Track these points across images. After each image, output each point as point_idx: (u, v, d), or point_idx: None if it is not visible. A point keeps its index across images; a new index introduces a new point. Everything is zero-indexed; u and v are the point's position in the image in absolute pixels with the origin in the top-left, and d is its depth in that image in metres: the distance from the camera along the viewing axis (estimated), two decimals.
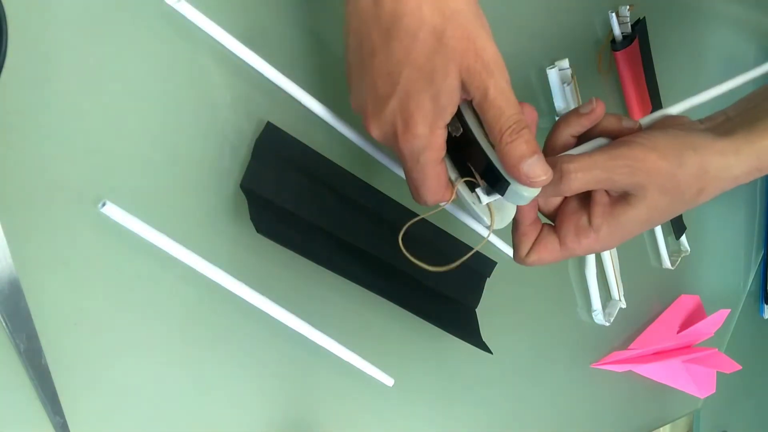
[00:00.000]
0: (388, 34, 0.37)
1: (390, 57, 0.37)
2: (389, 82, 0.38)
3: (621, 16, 0.68)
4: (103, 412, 0.39)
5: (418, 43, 0.37)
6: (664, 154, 0.42)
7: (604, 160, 0.42)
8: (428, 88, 0.38)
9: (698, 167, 0.42)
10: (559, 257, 0.45)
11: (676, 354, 0.79)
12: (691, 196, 0.43)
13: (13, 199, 0.36)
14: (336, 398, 0.50)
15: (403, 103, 0.38)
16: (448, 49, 0.37)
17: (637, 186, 0.42)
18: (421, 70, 0.37)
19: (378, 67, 0.38)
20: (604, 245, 0.45)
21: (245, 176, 0.43)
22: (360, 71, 0.39)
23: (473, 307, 0.57)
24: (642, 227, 0.44)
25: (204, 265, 0.41)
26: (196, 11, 0.41)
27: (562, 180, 0.42)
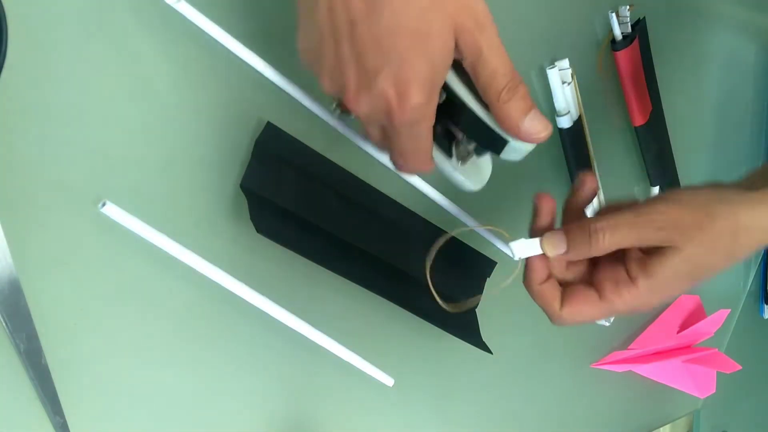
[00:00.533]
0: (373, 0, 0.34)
1: (377, 24, 0.34)
2: (378, 51, 0.35)
3: (621, 16, 0.68)
4: (103, 412, 0.39)
5: (410, 5, 0.34)
6: (689, 206, 0.42)
7: (631, 218, 0.42)
8: (424, 52, 0.35)
9: (728, 218, 0.42)
10: (599, 311, 0.44)
11: (676, 354, 0.79)
12: (726, 247, 0.42)
13: (13, 199, 0.36)
14: (336, 398, 0.50)
15: (397, 73, 0.35)
16: (442, 7, 0.35)
17: (665, 240, 0.42)
18: (414, 34, 0.35)
19: (362, 37, 0.35)
20: (645, 301, 0.43)
21: (245, 176, 0.43)
22: (334, 45, 0.36)
23: (473, 307, 0.57)
24: (684, 281, 0.43)
25: (204, 265, 0.41)
26: (196, 11, 0.41)
27: (591, 239, 0.42)
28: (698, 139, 0.85)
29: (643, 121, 0.72)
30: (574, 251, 0.43)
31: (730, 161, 0.90)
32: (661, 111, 0.75)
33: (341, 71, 0.37)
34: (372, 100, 0.37)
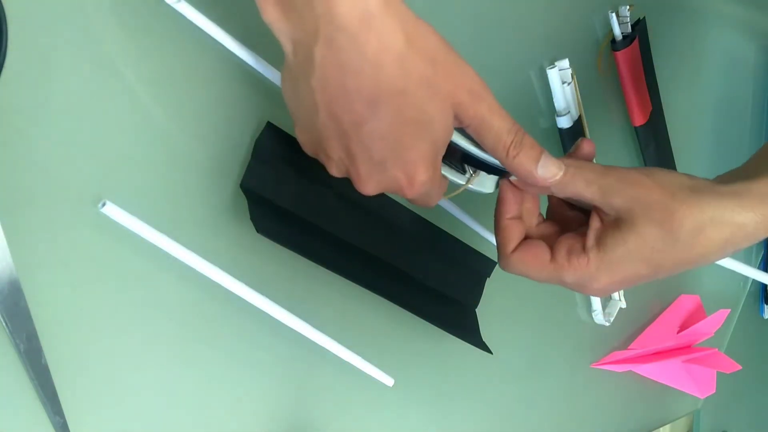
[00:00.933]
0: (375, 101, 0.34)
1: (381, 122, 0.35)
2: (384, 146, 0.36)
3: (621, 16, 0.68)
4: (103, 412, 0.39)
5: (409, 99, 0.35)
6: (659, 185, 0.41)
7: (599, 169, 0.42)
8: (426, 136, 0.37)
9: (692, 205, 0.40)
10: (545, 272, 0.43)
11: (676, 354, 0.79)
12: (688, 238, 0.40)
13: (13, 199, 0.36)
14: (336, 398, 0.50)
15: (403, 160, 0.37)
16: (440, 93, 0.36)
17: (624, 208, 0.41)
18: (416, 123, 0.36)
19: (368, 136, 0.36)
20: (592, 275, 0.42)
21: (245, 176, 0.43)
22: (339, 144, 0.37)
23: (473, 306, 0.57)
24: (638, 265, 0.41)
25: (204, 265, 0.41)
26: (196, 11, 0.41)
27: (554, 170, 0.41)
28: (698, 139, 0.85)
29: (643, 120, 0.72)
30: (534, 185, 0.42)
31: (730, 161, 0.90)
32: (661, 111, 0.75)
33: (350, 164, 0.38)
34: (382, 184, 0.39)
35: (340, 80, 0.34)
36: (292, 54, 0.35)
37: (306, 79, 0.35)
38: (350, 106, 0.34)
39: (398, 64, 0.34)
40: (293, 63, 0.35)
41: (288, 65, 0.36)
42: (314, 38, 0.33)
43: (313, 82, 0.34)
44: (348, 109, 0.35)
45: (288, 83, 0.37)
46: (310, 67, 0.34)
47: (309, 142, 0.39)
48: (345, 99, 0.34)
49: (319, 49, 0.33)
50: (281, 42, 0.35)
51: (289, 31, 0.34)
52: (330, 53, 0.33)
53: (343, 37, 0.32)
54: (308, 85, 0.35)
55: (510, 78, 0.61)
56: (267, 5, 0.33)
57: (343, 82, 0.34)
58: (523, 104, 0.63)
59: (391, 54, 0.33)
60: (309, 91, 0.35)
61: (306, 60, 0.34)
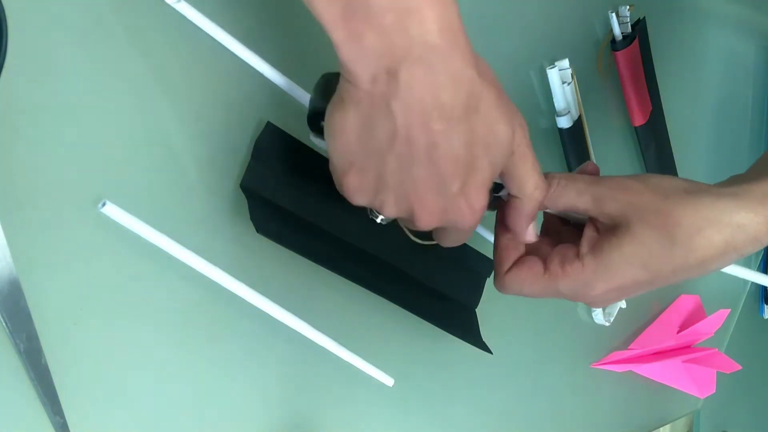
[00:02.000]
0: (453, 119, 0.34)
1: (455, 142, 0.35)
2: (456, 169, 0.36)
3: (621, 16, 0.68)
4: (103, 412, 0.39)
5: (481, 118, 0.35)
6: (652, 188, 0.40)
7: (591, 179, 0.42)
8: (491, 158, 0.37)
9: (690, 205, 0.39)
10: (540, 284, 0.43)
11: (676, 354, 0.79)
12: (684, 237, 0.39)
13: (13, 199, 0.36)
14: (336, 398, 0.50)
15: (469, 185, 0.37)
16: (504, 115, 0.36)
17: (619, 213, 0.40)
18: (486, 144, 0.36)
19: (442, 158, 0.35)
20: (588, 282, 0.41)
21: (245, 176, 0.43)
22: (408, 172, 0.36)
23: (473, 306, 0.57)
24: (635, 270, 0.40)
25: (204, 265, 0.41)
26: (196, 11, 0.41)
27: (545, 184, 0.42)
28: (698, 139, 0.85)
29: (643, 121, 0.72)
30: None
31: (730, 161, 0.90)
32: (661, 111, 0.75)
33: (415, 195, 0.37)
34: (444, 215, 0.38)
35: (424, 98, 0.34)
36: (370, 83, 0.34)
37: (385, 105, 0.34)
38: (429, 126, 0.34)
39: (474, 84, 0.35)
40: (368, 91, 0.34)
41: (354, 98, 0.35)
42: (403, 59, 0.33)
43: (395, 105, 0.34)
44: (427, 130, 0.34)
45: (351, 118, 0.35)
46: (394, 89, 0.33)
47: (366, 185, 0.38)
48: (425, 118, 0.34)
49: (408, 69, 0.33)
50: (355, 75, 0.34)
51: (372, 60, 0.33)
52: (419, 71, 0.33)
53: (433, 56, 0.33)
54: (387, 110, 0.34)
55: (510, 78, 0.61)
56: (350, 40, 0.33)
57: (427, 100, 0.34)
58: (523, 104, 0.62)
59: (468, 73, 0.34)
60: (387, 116, 0.34)
61: (388, 84, 0.33)
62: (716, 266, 0.40)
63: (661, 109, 0.75)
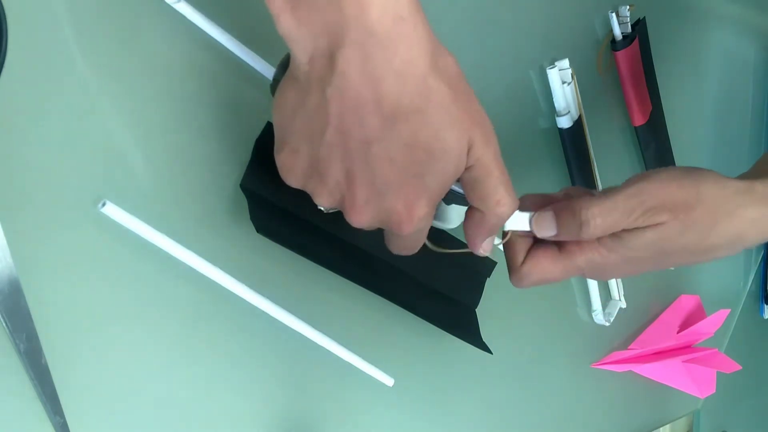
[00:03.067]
0: (393, 117, 0.32)
1: (393, 142, 0.33)
2: (391, 170, 0.34)
3: (621, 16, 0.68)
4: (103, 412, 0.39)
5: (426, 121, 0.33)
6: (680, 185, 0.41)
7: (622, 202, 0.41)
8: (438, 169, 0.34)
9: (713, 199, 0.41)
10: (560, 266, 0.42)
11: (676, 354, 0.79)
12: (704, 229, 0.41)
13: (13, 199, 0.36)
14: (336, 398, 0.50)
15: (406, 189, 0.34)
16: (458, 123, 0.34)
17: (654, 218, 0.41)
18: (429, 150, 0.33)
19: (377, 156, 0.33)
20: (607, 261, 0.42)
21: (245, 176, 0.43)
22: (340, 163, 0.34)
23: (473, 307, 0.57)
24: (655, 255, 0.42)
25: (204, 265, 0.41)
26: (196, 11, 0.41)
27: (582, 227, 0.41)
28: (698, 139, 0.86)
29: (643, 120, 0.72)
30: (563, 235, 0.42)
31: (730, 161, 0.91)
32: (661, 111, 0.75)
33: (348, 189, 0.35)
34: (377, 215, 0.36)
35: (360, 89, 0.31)
36: (307, 63, 0.32)
37: (320, 89, 0.32)
38: (364, 120, 0.32)
39: (422, 81, 0.32)
40: (306, 72, 0.32)
41: (295, 76, 0.33)
42: (338, 43, 0.31)
43: (329, 91, 0.32)
44: (361, 122, 0.32)
45: (290, 96, 0.34)
46: (329, 74, 0.32)
47: (298, 166, 0.36)
48: (361, 110, 0.32)
49: (344, 55, 0.31)
50: (294, 52, 0.32)
51: (307, 38, 0.31)
52: (355, 58, 0.31)
53: (372, 43, 0.30)
54: (322, 96, 0.32)
55: (510, 78, 0.61)
56: (284, 13, 0.31)
57: (363, 92, 0.32)
58: (523, 104, 0.63)
59: (416, 68, 0.32)
60: (321, 102, 0.33)
61: (324, 68, 0.32)
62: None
63: (661, 109, 0.75)
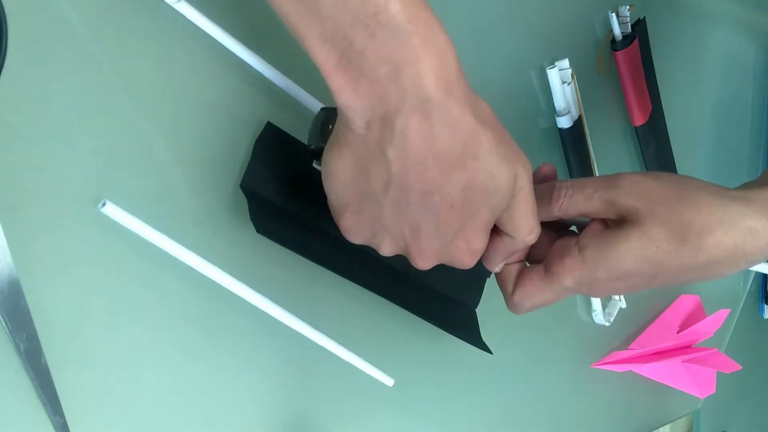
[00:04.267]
0: (450, 167, 0.35)
1: (453, 189, 0.35)
2: (452, 215, 0.36)
3: (621, 16, 0.68)
4: (103, 412, 0.39)
5: (480, 165, 0.35)
6: (663, 183, 0.40)
7: (598, 181, 0.41)
8: (490, 203, 0.37)
9: (702, 204, 0.39)
10: (548, 289, 0.42)
11: (676, 354, 0.79)
12: (694, 236, 0.39)
13: (13, 199, 0.36)
14: (336, 398, 0.50)
15: (467, 229, 0.37)
16: (505, 160, 0.36)
17: (628, 209, 0.40)
18: (485, 190, 0.36)
19: (438, 204, 0.36)
20: (592, 275, 0.40)
21: (245, 176, 0.43)
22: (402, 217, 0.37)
23: (473, 306, 0.57)
24: (639, 265, 0.39)
25: (204, 265, 0.41)
26: (196, 11, 0.41)
27: (552, 197, 0.41)
28: (698, 139, 0.85)
29: (643, 121, 0.72)
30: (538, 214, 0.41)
31: (730, 161, 0.91)
32: (661, 111, 0.75)
33: (412, 238, 0.38)
34: (441, 255, 0.39)
35: (420, 147, 0.34)
36: (365, 128, 0.34)
37: (381, 152, 0.34)
38: (425, 174, 0.34)
39: (471, 131, 0.34)
40: (362, 136, 0.34)
41: (349, 141, 0.35)
42: (398, 108, 0.33)
43: (390, 153, 0.34)
44: (422, 177, 0.35)
45: (347, 160, 0.36)
46: (389, 137, 0.34)
47: (361, 226, 0.38)
48: (421, 167, 0.34)
49: (402, 118, 0.33)
50: (351, 120, 0.34)
51: (367, 108, 0.33)
52: (413, 121, 0.33)
53: (428, 107, 0.33)
54: (383, 158, 0.34)
55: (510, 78, 0.61)
56: (344, 89, 0.33)
57: (423, 149, 0.34)
58: (523, 104, 0.63)
59: (466, 120, 0.34)
60: (383, 164, 0.35)
61: (383, 131, 0.34)
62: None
63: (661, 109, 0.75)
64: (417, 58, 0.32)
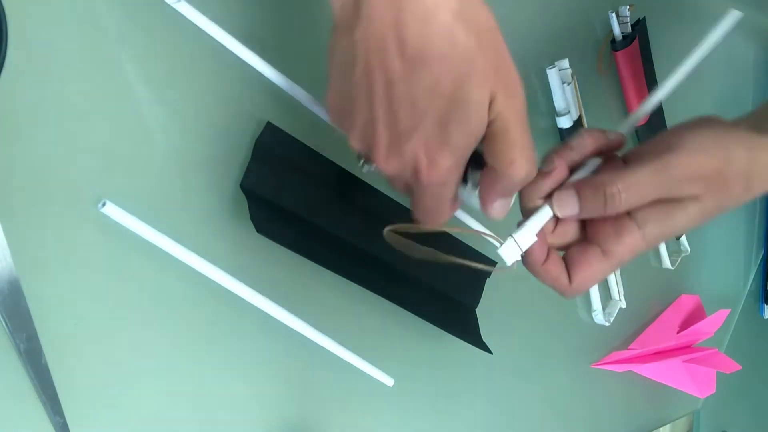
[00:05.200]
0: (414, 60, 0.33)
1: (415, 86, 0.34)
2: (413, 114, 0.35)
3: (621, 16, 0.68)
4: (103, 412, 0.39)
5: (448, 68, 0.33)
6: (711, 153, 0.41)
7: (648, 175, 0.40)
8: (460, 119, 0.35)
9: (745, 164, 0.41)
10: (608, 268, 0.42)
11: (676, 354, 0.79)
12: (737, 193, 0.41)
13: (13, 199, 0.36)
14: (336, 398, 0.50)
15: (430, 136, 0.35)
16: (480, 75, 0.34)
17: (687, 192, 0.40)
18: (451, 100, 0.34)
19: (399, 99, 0.34)
20: (652, 244, 0.41)
21: (245, 176, 0.43)
22: (368, 105, 0.35)
23: (473, 306, 0.57)
24: (692, 227, 0.42)
25: (204, 265, 0.41)
26: (196, 11, 0.41)
27: (606, 202, 0.40)
28: None
29: (643, 121, 0.72)
30: (586, 212, 0.41)
31: None
32: (661, 111, 0.75)
33: (373, 130, 0.36)
34: (402, 161, 0.37)
35: (384, 32, 0.33)
36: (340, 8, 0.34)
37: (349, 34, 0.34)
38: (387, 62, 0.33)
39: (446, 29, 0.32)
40: (339, 18, 0.34)
41: (335, 25, 0.35)
42: None
43: (357, 34, 0.33)
44: (384, 64, 0.33)
45: (332, 41, 0.36)
46: (356, 19, 0.33)
47: (337, 106, 0.38)
48: (384, 53, 0.33)
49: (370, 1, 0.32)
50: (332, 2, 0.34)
51: None
52: (381, 5, 0.32)
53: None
54: (351, 39, 0.34)
55: None
56: None
57: (387, 34, 0.33)
58: None
59: (442, 16, 0.32)
60: (350, 45, 0.34)
61: (353, 13, 0.33)
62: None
63: (661, 108, 0.75)
64: None
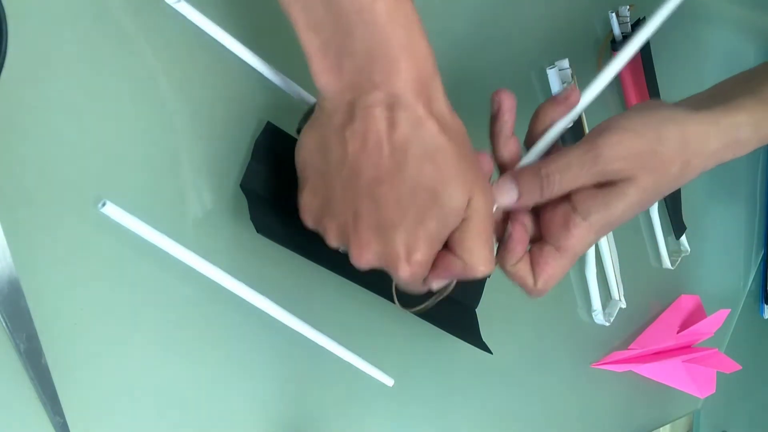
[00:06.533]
0: (404, 161, 0.35)
1: (401, 184, 0.36)
2: (397, 211, 0.36)
3: (621, 16, 0.68)
4: (103, 412, 0.39)
5: (435, 166, 0.36)
6: (641, 132, 0.41)
7: (581, 155, 0.40)
8: (439, 213, 0.36)
9: (679, 140, 0.41)
10: (565, 265, 0.43)
11: (676, 354, 0.79)
12: (676, 171, 0.41)
13: (13, 199, 0.36)
14: (336, 398, 0.50)
15: (410, 232, 0.37)
16: (463, 177, 0.36)
17: (620, 172, 0.40)
18: (435, 195, 0.36)
19: (384, 195, 0.36)
20: (599, 232, 0.42)
21: (245, 176, 0.43)
22: (352, 200, 0.37)
23: (473, 306, 0.57)
24: (635, 211, 0.42)
25: (204, 265, 0.41)
26: (196, 11, 0.41)
27: (542, 184, 0.41)
28: None
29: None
30: (526, 197, 0.41)
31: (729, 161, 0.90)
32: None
33: (354, 226, 0.38)
34: (379, 256, 0.38)
35: (378, 134, 0.35)
36: (333, 110, 0.36)
37: (341, 131, 0.36)
38: (378, 160, 0.35)
39: (434, 136, 0.35)
40: (330, 117, 0.37)
41: (321, 121, 0.37)
42: (365, 98, 0.35)
43: (349, 133, 0.36)
44: (374, 163, 0.36)
45: (313, 138, 0.38)
46: (350, 120, 0.36)
47: (314, 206, 0.39)
48: (376, 152, 0.35)
49: (367, 106, 0.35)
50: (324, 100, 0.37)
51: (338, 92, 0.36)
52: (377, 111, 0.35)
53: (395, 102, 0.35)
54: (341, 138, 0.36)
55: (510, 78, 0.61)
56: (322, 71, 0.36)
57: (381, 136, 0.35)
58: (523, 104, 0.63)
59: (430, 125, 0.35)
60: (341, 143, 0.36)
61: (347, 114, 0.36)
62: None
63: None
64: (393, 59, 0.34)
